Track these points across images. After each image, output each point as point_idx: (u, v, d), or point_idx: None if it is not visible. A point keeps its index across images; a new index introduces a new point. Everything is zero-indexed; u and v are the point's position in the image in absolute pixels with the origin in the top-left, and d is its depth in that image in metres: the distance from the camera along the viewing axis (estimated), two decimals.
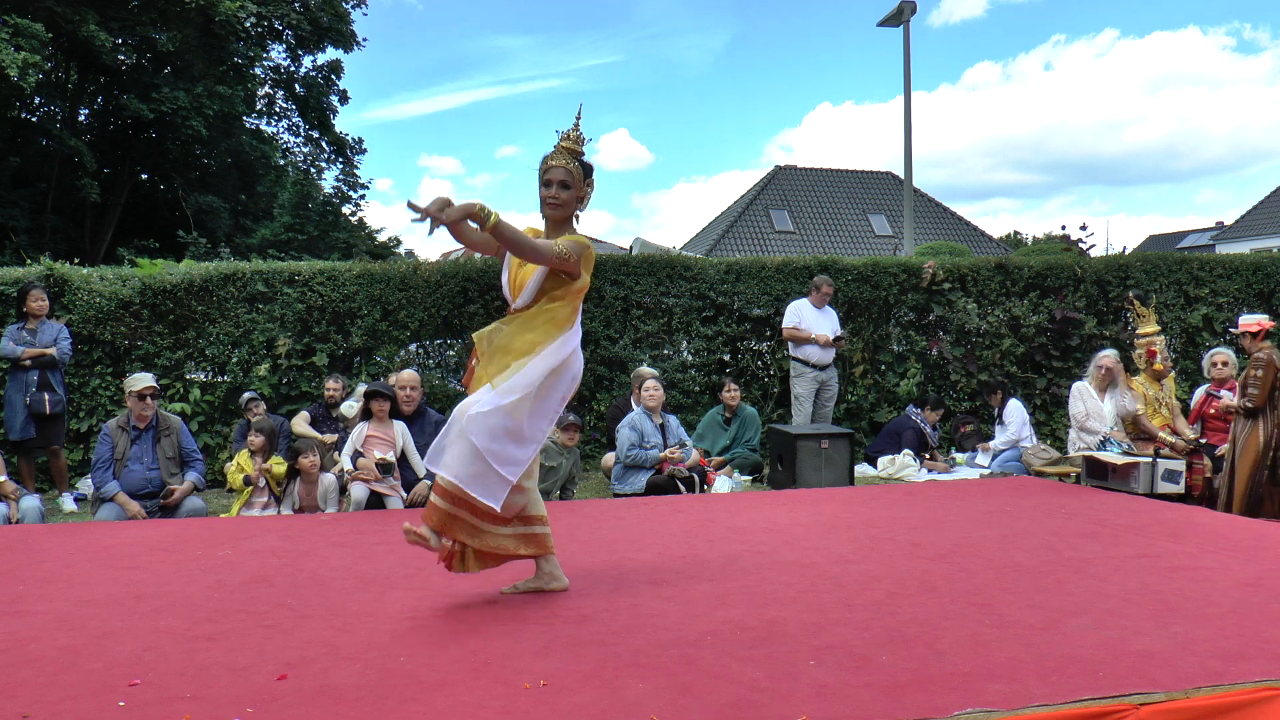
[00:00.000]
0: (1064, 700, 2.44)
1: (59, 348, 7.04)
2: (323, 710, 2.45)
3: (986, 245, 30.65)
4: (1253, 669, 2.65)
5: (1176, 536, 4.54)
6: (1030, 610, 3.29)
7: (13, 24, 15.86)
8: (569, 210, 3.53)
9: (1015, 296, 9.69)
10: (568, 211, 3.53)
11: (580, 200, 3.55)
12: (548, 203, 3.50)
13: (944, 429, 9.09)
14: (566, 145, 3.53)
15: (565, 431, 6.73)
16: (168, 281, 8.00)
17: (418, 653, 2.91)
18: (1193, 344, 9.86)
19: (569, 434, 6.77)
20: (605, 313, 8.88)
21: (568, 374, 3.47)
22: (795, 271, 9.27)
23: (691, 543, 4.55)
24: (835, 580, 3.77)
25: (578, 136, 3.56)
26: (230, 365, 8.19)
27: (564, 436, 6.72)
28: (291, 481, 6.26)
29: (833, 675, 2.66)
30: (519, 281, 3.50)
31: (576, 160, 3.51)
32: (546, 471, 6.63)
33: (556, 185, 3.48)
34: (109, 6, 18.77)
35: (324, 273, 8.35)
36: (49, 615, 3.37)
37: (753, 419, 8.40)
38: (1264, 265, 10.16)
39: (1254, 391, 5.63)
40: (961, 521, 5.03)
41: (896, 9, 14.48)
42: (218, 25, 18.99)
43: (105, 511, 5.84)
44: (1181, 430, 6.74)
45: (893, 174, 33.26)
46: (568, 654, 2.88)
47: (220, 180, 25.11)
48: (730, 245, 28.65)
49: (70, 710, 2.46)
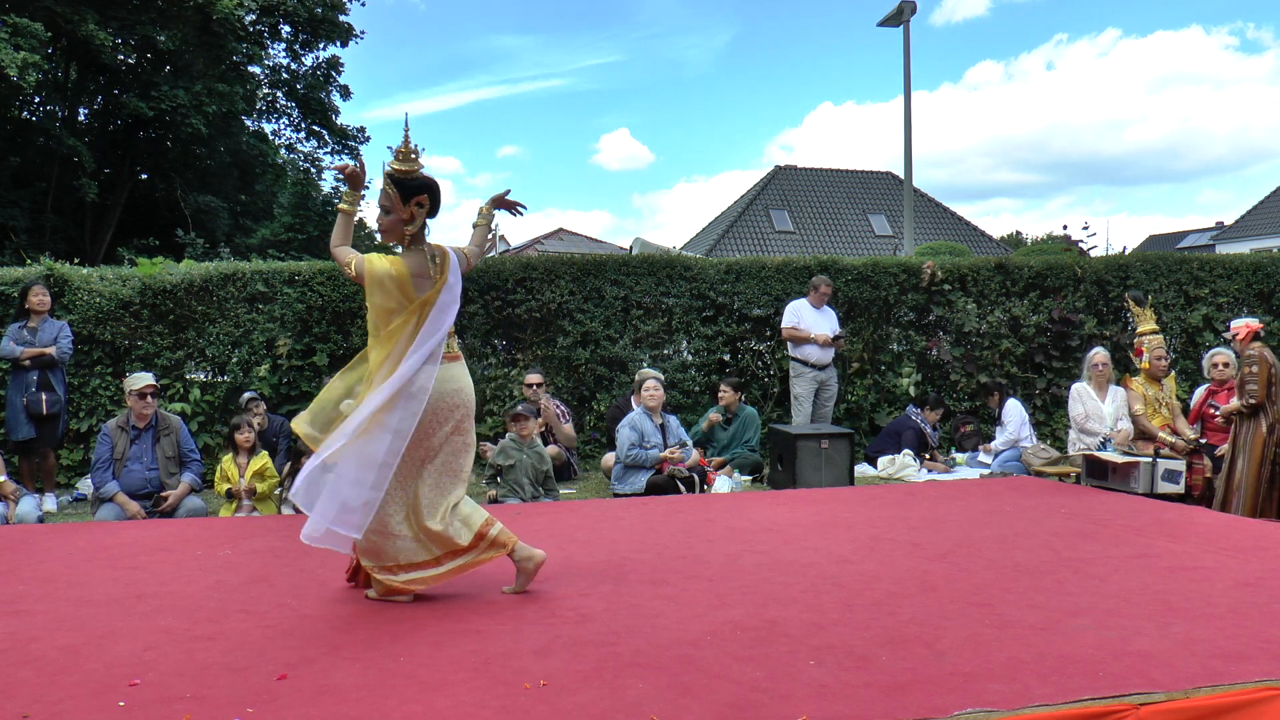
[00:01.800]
0: (1064, 700, 2.44)
1: (59, 346, 6.99)
2: (323, 710, 2.45)
3: (987, 245, 30.64)
4: (1253, 669, 2.65)
5: (1176, 536, 4.54)
6: (1030, 610, 3.29)
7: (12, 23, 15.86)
8: (394, 235, 3.51)
9: (1015, 297, 9.69)
10: (394, 236, 3.52)
11: (407, 221, 3.48)
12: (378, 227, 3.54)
13: (944, 429, 9.09)
14: (391, 167, 3.49)
15: (515, 423, 6.68)
16: (168, 281, 8.00)
17: (418, 653, 2.91)
18: (1193, 344, 9.86)
19: (519, 424, 6.68)
20: (605, 313, 8.88)
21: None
22: (795, 271, 9.27)
23: (691, 543, 4.55)
24: (835, 580, 3.77)
25: (405, 152, 3.49)
26: (230, 365, 8.19)
27: (515, 427, 6.66)
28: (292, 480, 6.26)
29: (833, 675, 2.66)
30: None
31: (393, 182, 3.47)
32: (506, 470, 6.61)
33: (380, 210, 3.50)
34: (108, 6, 18.77)
35: (324, 273, 8.35)
36: (49, 615, 3.37)
37: (753, 419, 8.40)
38: (1264, 265, 10.16)
39: (1252, 388, 5.64)
40: (961, 521, 5.03)
41: (896, 9, 14.48)
42: (216, 24, 18.98)
43: (105, 511, 5.84)
44: (1181, 430, 6.74)
45: (893, 174, 33.26)
46: (568, 654, 2.88)
47: (220, 180, 25.10)
48: (730, 245, 28.64)
49: (70, 710, 2.46)
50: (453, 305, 3.50)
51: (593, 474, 8.12)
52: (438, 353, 3.45)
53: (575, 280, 8.84)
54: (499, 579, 3.75)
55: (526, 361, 8.76)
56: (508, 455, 6.62)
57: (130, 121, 21.54)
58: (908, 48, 14.66)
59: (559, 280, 8.78)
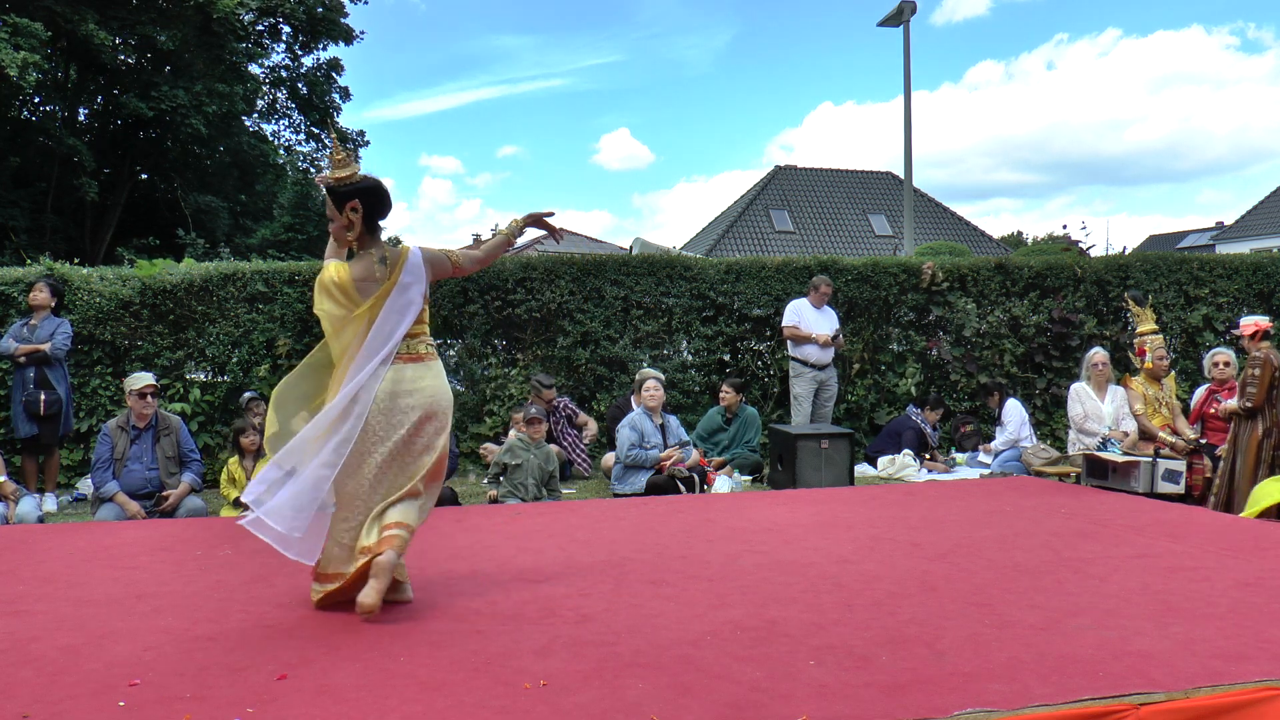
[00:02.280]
0: (1064, 700, 2.44)
1: (53, 342, 6.92)
2: (323, 710, 2.45)
3: (987, 245, 30.65)
4: (1253, 669, 2.65)
5: (1176, 536, 4.54)
6: (1030, 610, 3.29)
7: (12, 23, 15.86)
8: (341, 242, 3.52)
9: (1015, 297, 9.69)
10: (342, 243, 3.52)
11: (346, 228, 3.44)
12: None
13: (944, 429, 9.09)
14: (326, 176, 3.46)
15: (529, 425, 6.70)
16: (168, 281, 8.01)
17: (418, 653, 2.91)
18: (1193, 344, 9.86)
19: (533, 427, 6.73)
20: (605, 313, 8.88)
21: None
22: (795, 271, 9.27)
23: (691, 543, 4.55)
24: (835, 580, 3.77)
25: (340, 159, 3.45)
26: (230, 365, 8.19)
27: (528, 430, 6.68)
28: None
29: (833, 675, 2.66)
30: None
31: (327, 190, 3.45)
32: (514, 470, 6.61)
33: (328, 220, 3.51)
34: (108, 6, 18.77)
35: None
36: (49, 615, 3.36)
37: (753, 419, 8.40)
38: (1264, 265, 10.16)
39: (1252, 390, 5.63)
40: (961, 521, 5.03)
41: (896, 9, 14.49)
42: (216, 23, 18.98)
43: (105, 511, 5.84)
44: (1182, 430, 6.74)
45: (893, 174, 33.26)
46: (568, 654, 2.88)
47: (220, 180, 25.10)
48: (730, 245, 28.65)
49: (70, 710, 2.46)
50: (409, 307, 3.41)
51: (593, 474, 8.13)
52: (390, 355, 3.37)
53: (575, 280, 8.84)
54: (499, 579, 3.75)
55: (527, 361, 8.76)
56: (515, 455, 6.62)
57: (130, 122, 21.55)
58: (907, 48, 14.68)
59: (559, 280, 8.78)
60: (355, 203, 3.41)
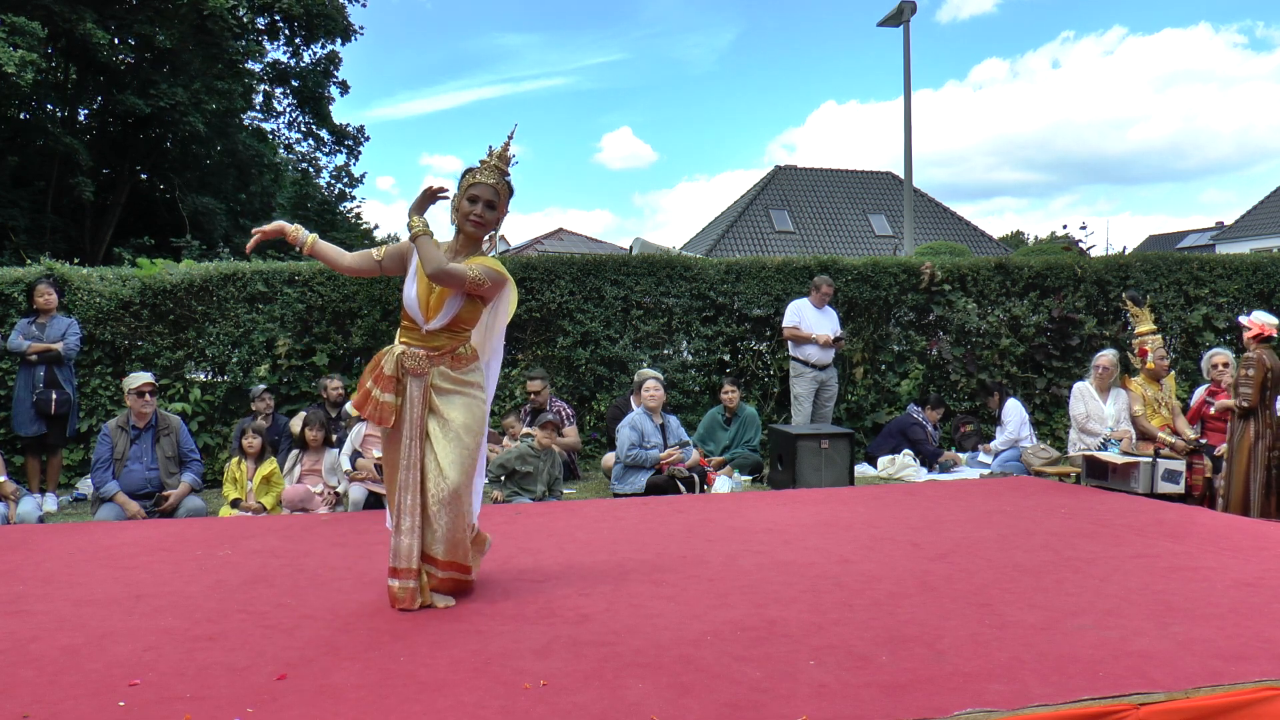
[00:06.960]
0: (1064, 700, 2.44)
1: (65, 343, 7.01)
2: (323, 710, 2.45)
3: (987, 245, 30.65)
4: (1253, 669, 2.66)
5: (1176, 536, 4.54)
6: (1030, 610, 3.29)
7: (10, 22, 15.83)
8: (488, 230, 3.49)
9: (1015, 296, 9.69)
10: (487, 231, 3.49)
11: (499, 221, 3.50)
12: (471, 219, 3.43)
13: (944, 429, 9.09)
14: (497, 163, 3.44)
15: (544, 430, 6.72)
16: (168, 281, 8.00)
17: (418, 653, 2.91)
18: (1193, 344, 9.86)
19: (548, 433, 6.76)
20: (605, 313, 8.88)
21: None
22: (795, 271, 9.27)
23: (691, 543, 4.55)
24: (835, 580, 3.77)
25: (508, 156, 3.47)
26: (230, 365, 8.19)
27: (543, 436, 6.70)
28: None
29: (833, 675, 2.66)
30: (434, 301, 3.40)
31: (505, 180, 3.45)
32: (524, 476, 6.62)
33: (483, 204, 3.43)
34: (106, 4, 18.74)
35: (324, 273, 8.34)
36: (49, 615, 3.36)
37: (753, 419, 8.40)
38: (1264, 265, 10.17)
39: (1246, 391, 5.63)
40: (961, 521, 5.03)
41: (896, 9, 14.50)
42: (209, 20, 18.95)
43: (105, 511, 5.84)
44: (1181, 430, 6.74)
45: (893, 174, 33.27)
46: (568, 654, 2.88)
47: (218, 179, 25.06)
48: (730, 245, 28.64)
49: (70, 710, 2.46)
50: None
51: (593, 474, 8.12)
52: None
53: (575, 280, 8.84)
54: (498, 579, 3.75)
55: (527, 361, 8.76)
56: (526, 461, 6.62)
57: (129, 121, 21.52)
58: (907, 48, 14.69)
59: (559, 280, 8.78)
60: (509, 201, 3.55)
